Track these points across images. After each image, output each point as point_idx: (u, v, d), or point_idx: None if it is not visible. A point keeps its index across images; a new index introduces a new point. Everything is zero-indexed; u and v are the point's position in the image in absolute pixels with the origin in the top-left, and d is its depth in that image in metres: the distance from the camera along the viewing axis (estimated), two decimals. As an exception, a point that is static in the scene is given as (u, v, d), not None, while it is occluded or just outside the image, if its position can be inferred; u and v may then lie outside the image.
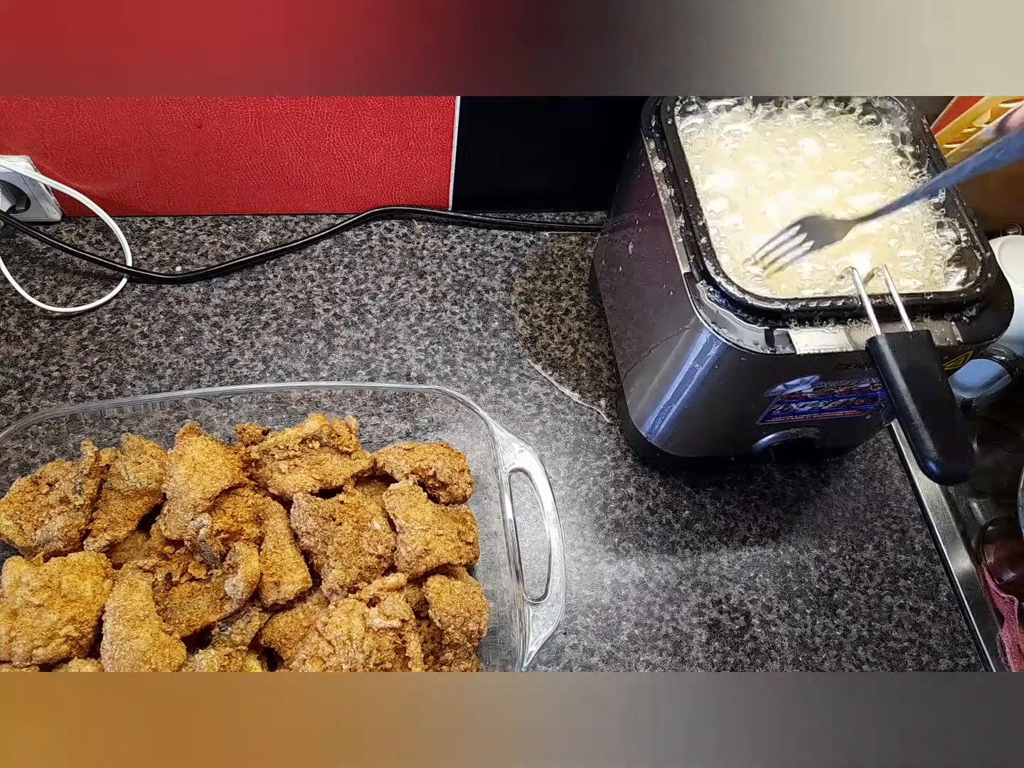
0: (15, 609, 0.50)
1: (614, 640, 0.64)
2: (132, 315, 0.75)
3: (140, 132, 0.71)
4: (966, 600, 0.69)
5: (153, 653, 0.50)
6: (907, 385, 0.46)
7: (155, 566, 0.55)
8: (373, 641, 0.51)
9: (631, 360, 0.69)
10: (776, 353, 0.51)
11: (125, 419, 0.62)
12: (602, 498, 0.70)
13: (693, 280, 0.53)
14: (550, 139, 0.79)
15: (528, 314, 0.80)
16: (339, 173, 0.78)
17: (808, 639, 0.66)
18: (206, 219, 0.81)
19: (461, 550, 0.58)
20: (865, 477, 0.74)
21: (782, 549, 0.70)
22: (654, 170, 0.58)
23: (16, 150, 0.71)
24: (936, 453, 0.45)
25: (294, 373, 0.73)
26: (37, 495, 0.57)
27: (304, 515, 0.56)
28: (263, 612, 0.56)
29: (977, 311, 0.53)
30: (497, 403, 0.74)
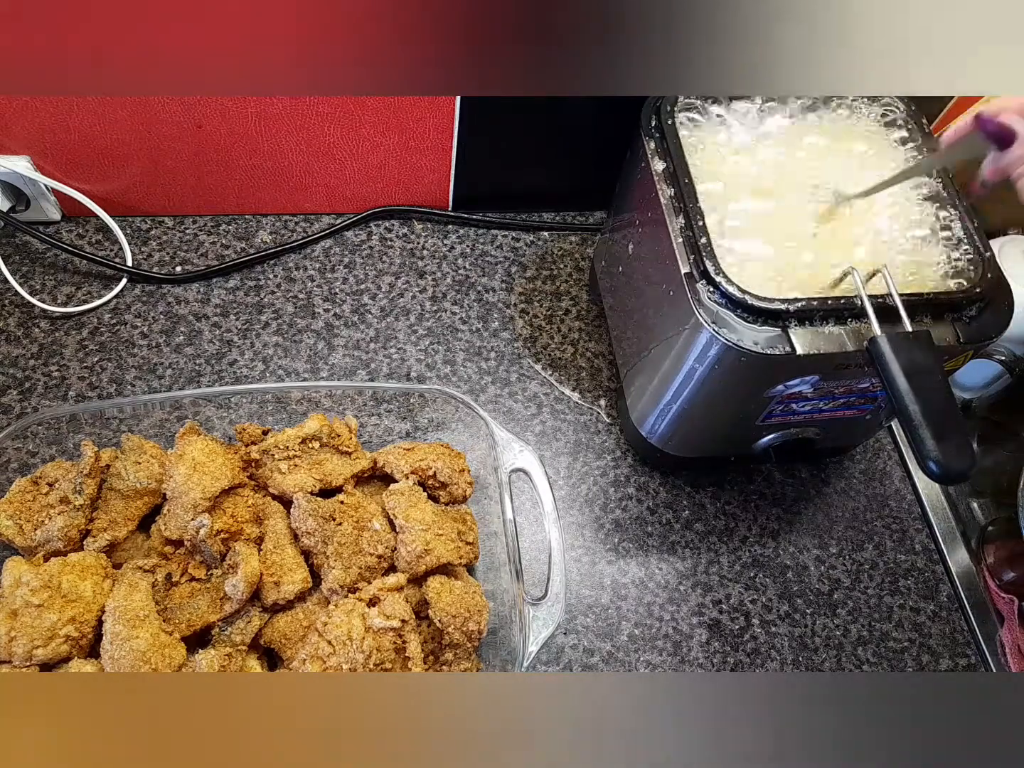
0: (15, 609, 0.50)
1: (614, 640, 0.64)
2: (132, 315, 0.75)
3: (140, 132, 0.71)
4: (966, 600, 0.69)
5: (153, 653, 0.50)
6: (908, 385, 0.46)
7: (155, 566, 0.55)
8: (373, 641, 0.51)
9: (631, 360, 0.69)
10: (776, 353, 0.51)
11: (125, 419, 0.62)
12: (602, 498, 0.70)
13: (693, 280, 0.53)
14: (550, 139, 0.79)
15: (528, 314, 0.80)
16: (339, 173, 0.78)
17: (808, 639, 0.66)
18: (206, 219, 0.81)
19: (461, 550, 0.58)
20: (865, 477, 0.74)
21: (782, 549, 0.70)
22: (654, 170, 0.58)
23: (16, 150, 0.71)
24: (937, 453, 0.45)
25: (294, 373, 0.73)
26: (37, 495, 0.57)
27: (304, 515, 0.56)
28: (263, 612, 0.56)
29: (977, 311, 0.53)
30: (497, 403, 0.74)
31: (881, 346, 0.48)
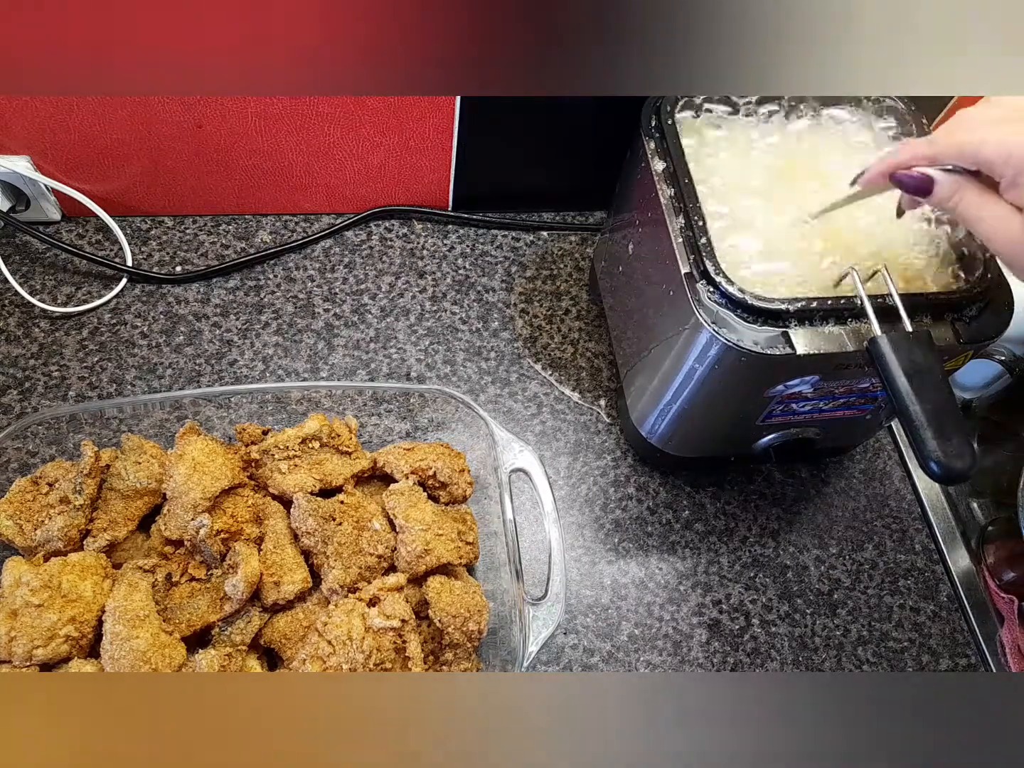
0: (15, 609, 0.50)
1: (614, 640, 0.64)
2: (132, 315, 0.75)
3: (140, 132, 0.71)
4: (966, 600, 0.69)
5: (153, 653, 0.50)
6: (908, 385, 0.46)
7: (155, 566, 0.55)
8: (373, 641, 0.51)
9: (631, 360, 0.69)
10: (776, 353, 0.51)
11: (125, 419, 0.62)
12: (602, 498, 0.70)
13: (693, 280, 0.53)
14: (550, 139, 0.79)
15: (528, 314, 0.80)
16: (339, 173, 0.78)
17: (808, 639, 0.66)
18: (206, 219, 0.81)
19: (461, 550, 0.58)
20: (865, 477, 0.74)
21: (782, 549, 0.70)
22: (654, 170, 0.58)
23: (16, 150, 0.71)
24: (939, 453, 0.45)
25: (294, 373, 0.73)
26: (37, 495, 0.57)
27: (304, 515, 0.56)
28: (263, 612, 0.56)
29: (977, 311, 0.53)
30: (497, 403, 0.74)
31: (881, 346, 0.48)
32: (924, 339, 0.48)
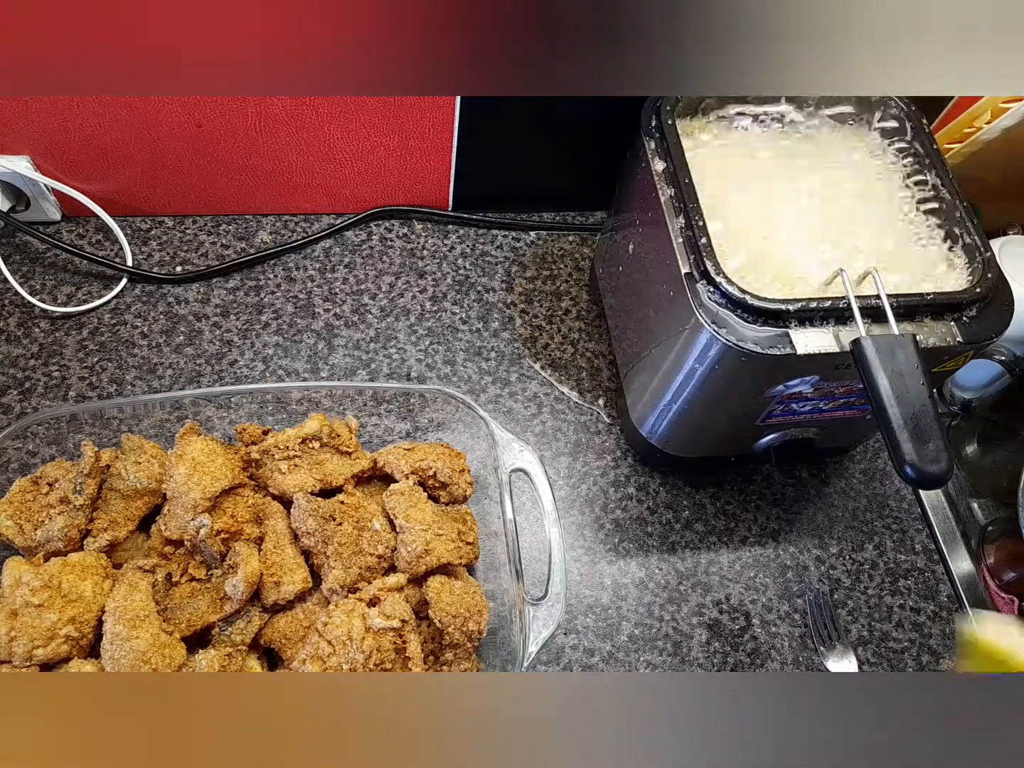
0: (15, 609, 0.50)
1: (614, 640, 0.64)
2: (132, 315, 0.75)
3: (140, 132, 0.71)
4: (966, 600, 0.69)
5: (153, 653, 0.50)
6: (889, 388, 0.46)
7: (155, 566, 0.55)
8: (373, 641, 0.51)
9: (631, 360, 0.69)
10: (776, 353, 0.51)
11: (125, 419, 0.62)
12: (602, 498, 0.70)
13: (693, 280, 0.53)
14: (550, 139, 0.79)
15: (528, 314, 0.80)
16: (339, 173, 0.78)
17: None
18: (206, 219, 0.81)
19: (461, 550, 0.58)
20: (865, 477, 0.74)
21: (782, 549, 0.70)
22: (654, 170, 0.58)
23: (16, 150, 0.71)
24: (913, 457, 0.45)
25: (294, 373, 0.73)
26: (37, 495, 0.57)
27: (304, 515, 0.56)
28: (263, 612, 0.56)
29: (977, 311, 0.53)
30: (497, 403, 0.74)
31: (864, 347, 0.48)
32: (908, 343, 0.48)
